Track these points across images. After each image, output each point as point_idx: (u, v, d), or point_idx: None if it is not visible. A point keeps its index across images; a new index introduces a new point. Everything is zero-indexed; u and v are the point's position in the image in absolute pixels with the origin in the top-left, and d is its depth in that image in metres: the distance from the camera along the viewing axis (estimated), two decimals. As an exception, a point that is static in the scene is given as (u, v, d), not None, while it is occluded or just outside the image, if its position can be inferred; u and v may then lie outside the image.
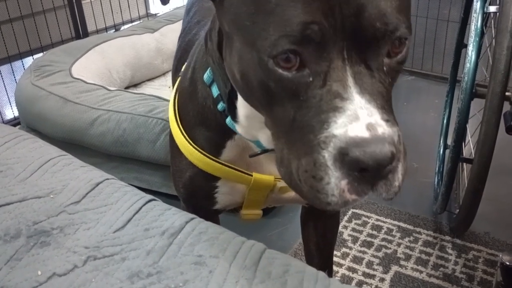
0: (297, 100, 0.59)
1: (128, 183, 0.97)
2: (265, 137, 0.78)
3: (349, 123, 0.55)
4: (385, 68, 0.60)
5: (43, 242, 0.78)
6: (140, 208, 0.87)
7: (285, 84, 0.58)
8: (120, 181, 0.96)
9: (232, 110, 0.79)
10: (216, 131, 0.85)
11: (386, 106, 0.58)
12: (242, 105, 0.77)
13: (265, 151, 0.82)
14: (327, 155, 0.56)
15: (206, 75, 0.82)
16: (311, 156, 0.58)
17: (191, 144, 0.87)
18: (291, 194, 0.93)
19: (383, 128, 0.56)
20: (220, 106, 0.81)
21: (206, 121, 0.85)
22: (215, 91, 0.81)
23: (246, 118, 0.78)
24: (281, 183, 0.88)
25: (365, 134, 0.55)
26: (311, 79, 0.58)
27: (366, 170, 0.56)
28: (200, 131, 0.87)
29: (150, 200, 0.90)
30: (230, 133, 0.84)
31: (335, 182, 0.57)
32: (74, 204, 0.87)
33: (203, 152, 0.87)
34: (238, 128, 0.80)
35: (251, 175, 0.87)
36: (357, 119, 0.55)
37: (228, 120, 0.81)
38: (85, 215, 0.85)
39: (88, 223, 0.83)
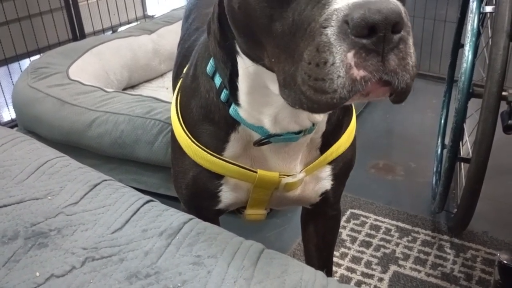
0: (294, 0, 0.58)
1: (126, 185, 0.97)
2: (268, 119, 0.79)
3: None
4: None
5: (41, 243, 0.78)
6: (138, 209, 0.87)
7: None
8: (118, 182, 0.96)
9: (234, 92, 0.80)
10: (220, 125, 0.85)
11: None
12: (243, 78, 0.78)
13: (269, 136, 0.81)
14: (330, 31, 0.54)
15: (209, 66, 0.84)
16: (313, 45, 0.55)
17: (194, 143, 0.88)
18: (295, 192, 0.93)
19: None
20: (223, 96, 0.82)
21: (210, 115, 0.86)
22: (217, 81, 0.83)
23: (248, 95, 0.78)
24: (286, 180, 0.88)
25: None
26: None
27: (374, 32, 0.52)
28: (203, 127, 0.87)
29: (148, 201, 0.90)
30: (234, 125, 0.84)
31: (341, 58, 0.54)
32: (72, 205, 0.87)
33: (207, 150, 0.87)
34: (242, 113, 0.81)
35: (256, 172, 0.87)
36: None
37: (232, 109, 0.82)
38: (83, 216, 0.85)
39: (86, 224, 0.83)
